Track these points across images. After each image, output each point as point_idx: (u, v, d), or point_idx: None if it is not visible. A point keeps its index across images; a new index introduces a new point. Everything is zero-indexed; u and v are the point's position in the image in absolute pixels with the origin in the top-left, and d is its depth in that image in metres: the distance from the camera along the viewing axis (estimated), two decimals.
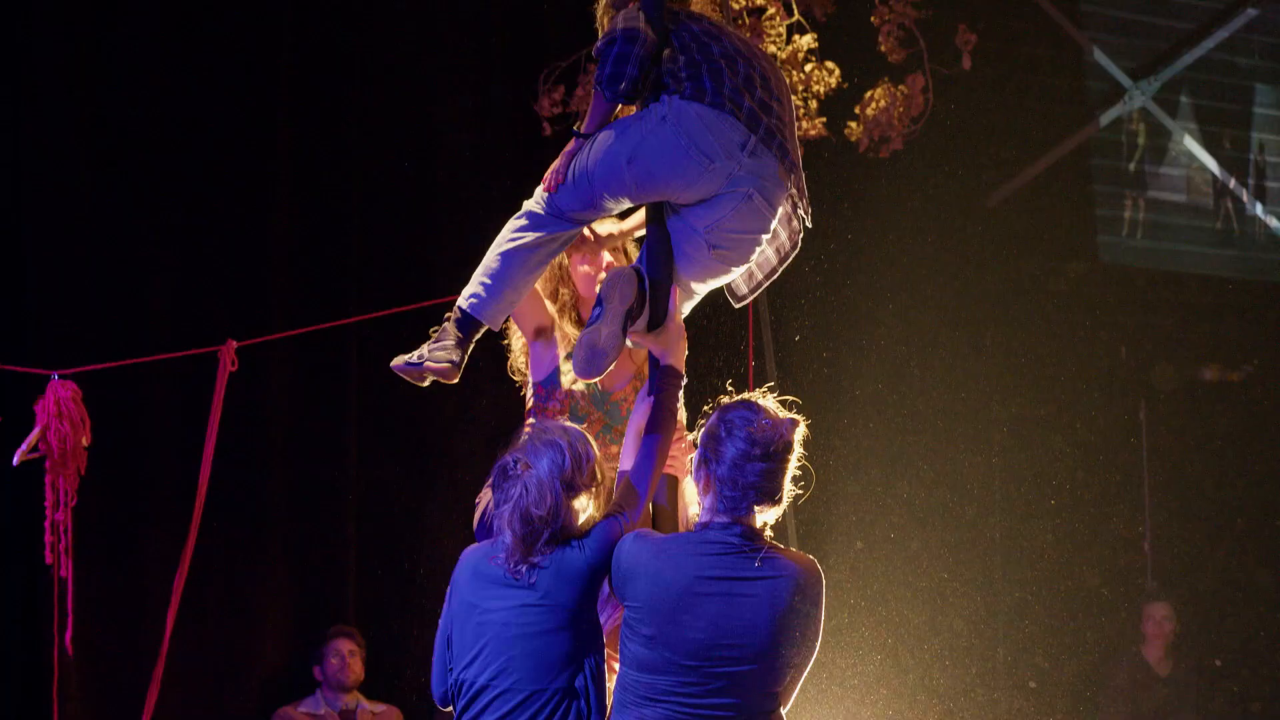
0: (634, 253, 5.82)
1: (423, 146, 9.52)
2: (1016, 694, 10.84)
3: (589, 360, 5.13)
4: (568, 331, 5.75)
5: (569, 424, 4.87)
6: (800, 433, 4.73)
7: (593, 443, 4.81)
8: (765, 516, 4.72)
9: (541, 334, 5.72)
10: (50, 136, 8.42)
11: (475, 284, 5.42)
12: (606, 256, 5.79)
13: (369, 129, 9.38)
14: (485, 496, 5.19)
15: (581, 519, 4.78)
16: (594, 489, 4.77)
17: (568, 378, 5.67)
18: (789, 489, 4.75)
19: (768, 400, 4.77)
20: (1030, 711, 10.72)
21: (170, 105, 8.75)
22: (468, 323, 5.40)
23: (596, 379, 5.31)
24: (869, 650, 9.97)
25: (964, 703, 10.66)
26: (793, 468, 4.74)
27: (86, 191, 8.51)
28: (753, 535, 4.67)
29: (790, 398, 4.83)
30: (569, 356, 5.63)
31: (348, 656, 8.96)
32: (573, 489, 4.71)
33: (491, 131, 9.57)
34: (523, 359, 5.86)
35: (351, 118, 9.35)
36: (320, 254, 9.30)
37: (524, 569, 4.66)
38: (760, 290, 5.53)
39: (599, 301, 5.15)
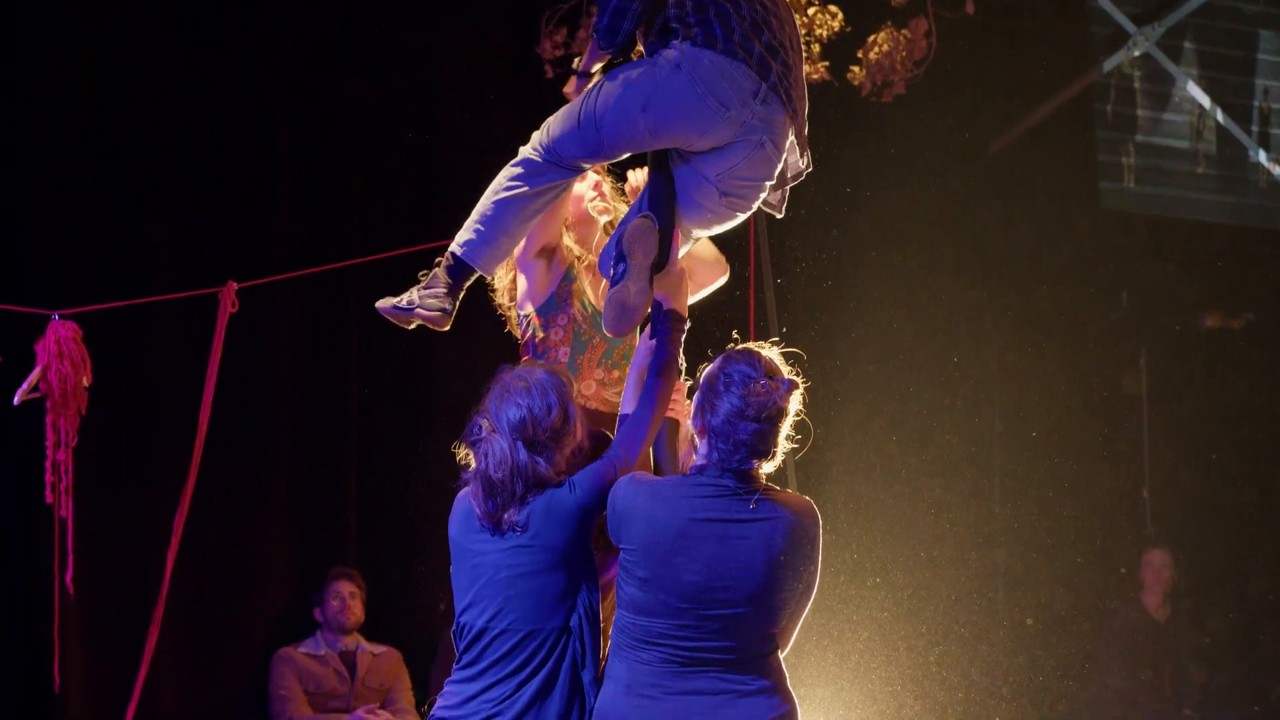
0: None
1: (425, 88, 9.50)
2: (1015, 635, 10.87)
3: (619, 318, 5.12)
4: (566, 252, 5.70)
5: (537, 369, 4.85)
6: (797, 397, 4.72)
7: (563, 385, 4.81)
8: (761, 468, 4.73)
9: (544, 253, 5.66)
10: (50, 75, 8.38)
11: (469, 230, 5.38)
12: (592, 177, 5.74)
13: (370, 68, 9.35)
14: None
15: (568, 457, 4.80)
16: (565, 436, 4.77)
17: (572, 299, 5.64)
18: (784, 445, 4.75)
19: (771, 353, 4.76)
20: (1028, 658, 10.75)
21: (175, 50, 8.72)
22: (460, 269, 5.37)
23: (625, 336, 5.30)
24: (868, 593, 9.99)
25: (962, 645, 10.69)
26: (787, 429, 4.74)
27: (87, 131, 8.47)
28: (748, 479, 4.68)
29: (794, 350, 4.82)
30: (567, 278, 5.63)
31: (348, 598, 8.99)
32: (536, 445, 4.72)
33: (493, 76, 9.53)
34: (507, 296, 5.80)
35: (353, 54, 9.32)
36: (322, 196, 9.28)
37: (505, 524, 4.70)
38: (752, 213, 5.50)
39: (621, 257, 5.12)
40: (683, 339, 5.10)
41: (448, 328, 5.42)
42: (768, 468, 4.74)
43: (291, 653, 8.93)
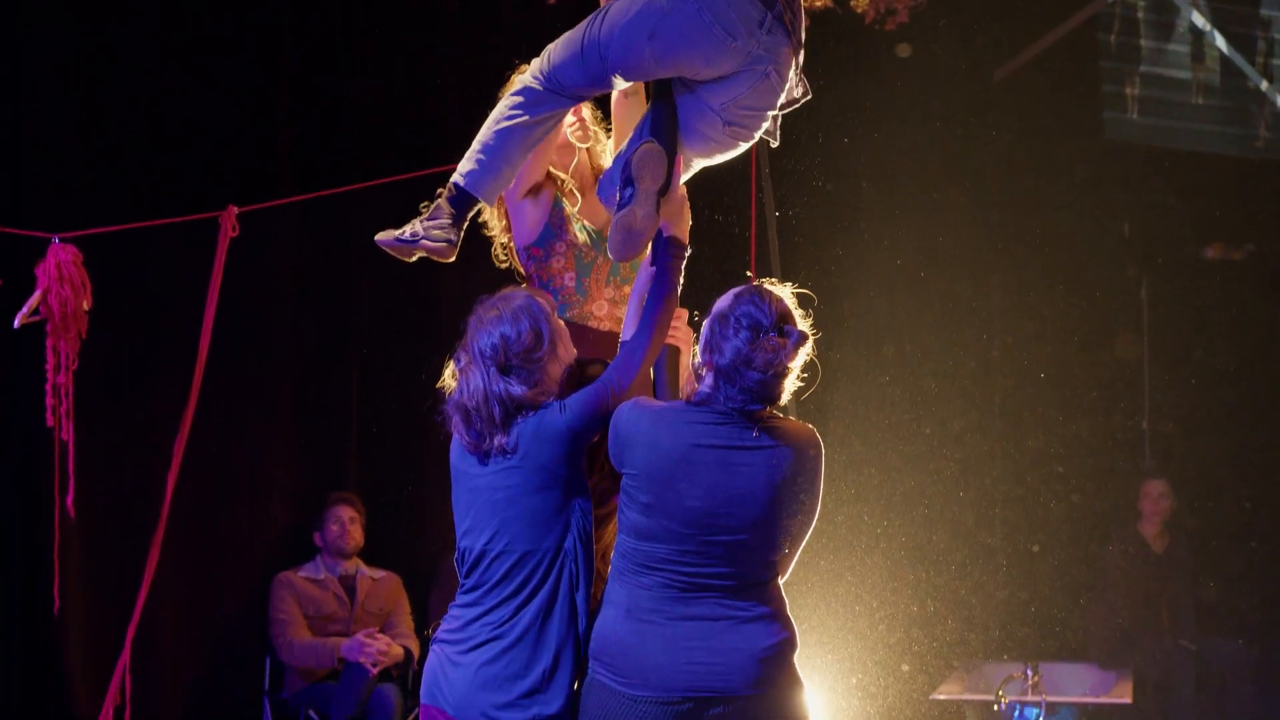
0: None
1: (427, 9, 9.47)
2: (1015, 566, 10.90)
3: (625, 243, 5.11)
4: (549, 182, 5.69)
5: (515, 295, 4.86)
6: (806, 350, 4.71)
7: (539, 308, 4.81)
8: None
9: (533, 190, 5.65)
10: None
11: (470, 160, 5.37)
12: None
13: None
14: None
15: (557, 378, 4.81)
16: (540, 357, 4.78)
17: (566, 224, 5.63)
18: (790, 389, 4.75)
19: (784, 294, 4.74)
20: (1029, 588, 10.79)
21: None
22: (463, 199, 5.36)
23: (631, 260, 5.29)
24: (867, 522, 10.02)
25: (961, 575, 10.73)
26: (794, 378, 4.74)
27: (88, 50, 8.44)
28: (751, 415, 4.68)
29: (805, 292, 4.81)
30: (556, 205, 5.62)
31: (348, 523, 9.01)
32: (509, 369, 4.74)
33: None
34: (505, 235, 5.79)
35: None
36: (323, 121, 9.25)
37: (493, 451, 4.72)
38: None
39: (628, 181, 5.11)
40: (683, 266, 5.09)
41: (453, 258, 5.42)
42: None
43: (291, 577, 8.97)
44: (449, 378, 4.87)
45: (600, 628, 4.69)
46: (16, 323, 6.94)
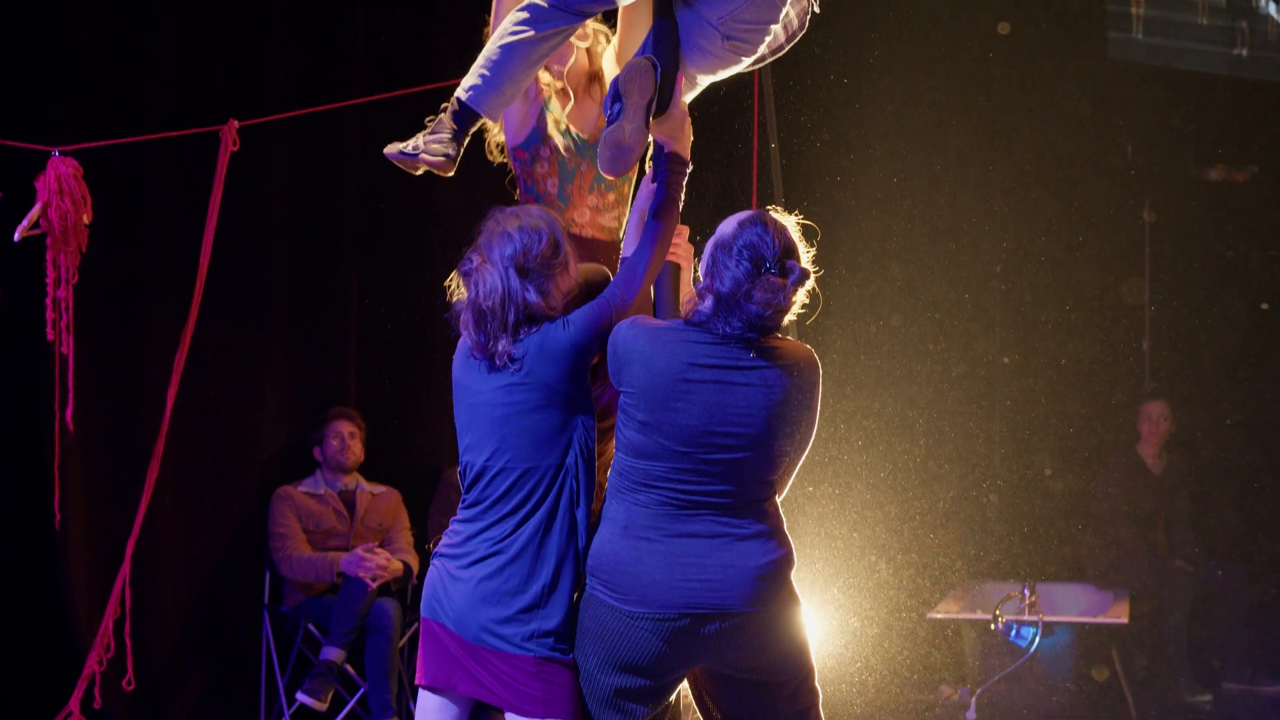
0: None
1: None
2: (1013, 486, 10.93)
3: (615, 159, 5.10)
4: (543, 83, 5.68)
5: (531, 206, 4.87)
6: (807, 288, 4.70)
7: (555, 221, 4.82)
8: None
9: (524, 94, 5.63)
10: None
11: (474, 75, 5.36)
12: None
13: None
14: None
15: (564, 294, 4.81)
16: (555, 266, 4.78)
17: (551, 129, 5.62)
18: (790, 318, 4.75)
19: (789, 224, 4.73)
20: (1025, 508, 10.81)
21: None
22: (465, 114, 5.35)
23: (622, 175, 5.28)
24: (865, 442, 10.04)
25: (959, 495, 10.76)
26: (794, 311, 4.73)
27: None
28: (749, 341, 4.68)
29: (810, 223, 4.80)
30: (544, 109, 5.60)
31: (347, 438, 9.03)
32: (527, 273, 4.74)
33: None
34: (499, 133, 5.79)
35: None
36: (323, 34, 9.20)
37: (498, 356, 4.72)
38: (764, 64, 5.48)
39: (617, 97, 5.10)
40: (684, 182, 5.08)
41: (452, 173, 5.41)
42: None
43: (290, 491, 8.98)
44: (455, 282, 4.87)
45: (598, 545, 4.71)
46: (16, 236, 6.93)
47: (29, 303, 7.47)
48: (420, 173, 5.41)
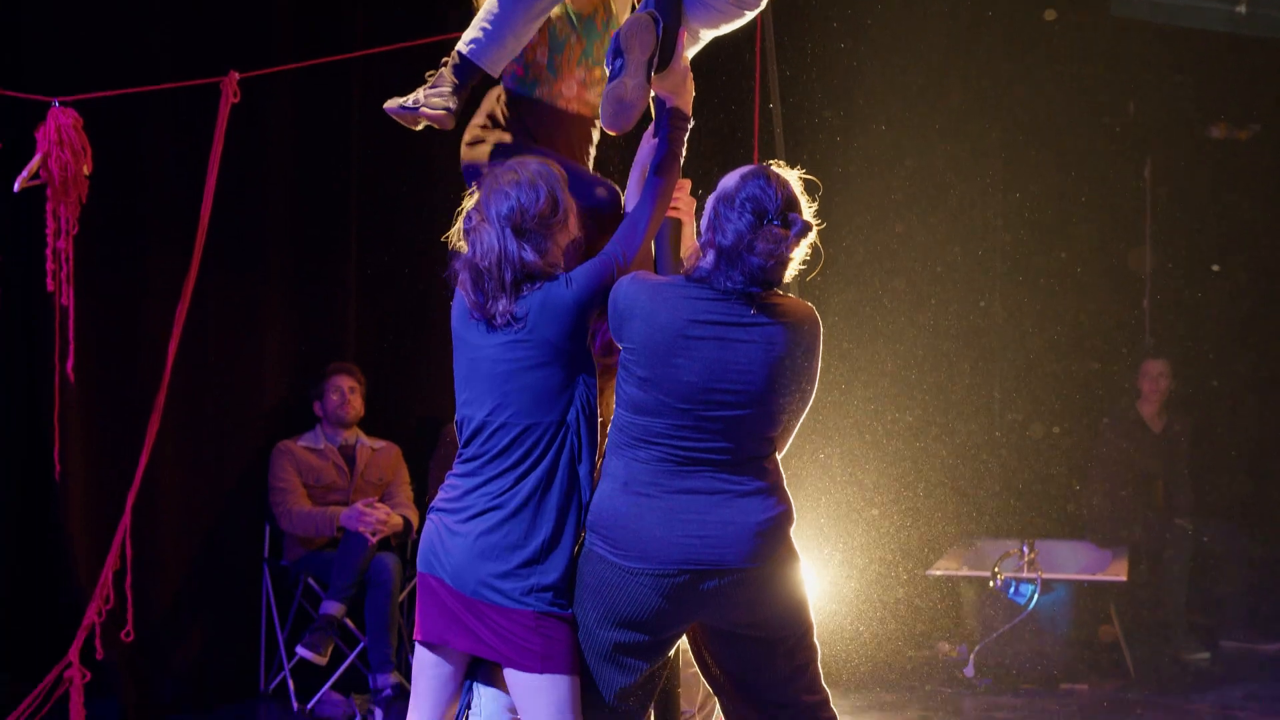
0: None
1: None
2: (1013, 444, 10.94)
3: (616, 114, 5.09)
4: None
5: (530, 161, 4.85)
6: (809, 240, 4.70)
7: (555, 175, 4.81)
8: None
9: None
10: None
11: (475, 29, 5.34)
12: None
13: None
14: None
15: (565, 250, 4.80)
16: (554, 224, 4.77)
17: None
18: (792, 273, 4.75)
19: (791, 178, 4.72)
20: (1025, 466, 10.82)
21: None
22: (466, 68, 5.33)
23: (623, 131, 5.25)
24: (866, 399, 10.04)
25: (959, 453, 10.77)
26: (796, 264, 4.72)
27: None
28: (750, 295, 4.67)
29: (811, 178, 4.79)
30: None
31: (348, 393, 9.03)
32: (524, 233, 4.74)
33: None
34: None
35: None
36: None
37: (499, 316, 4.71)
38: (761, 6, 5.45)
39: (618, 52, 5.08)
40: (685, 138, 5.07)
41: (452, 126, 5.40)
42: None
43: (291, 445, 8.99)
44: (457, 236, 4.86)
45: (597, 500, 4.71)
46: (16, 186, 6.91)
47: (29, 254, 7.45)
48: (420, 127, 5.39)
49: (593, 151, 5.65)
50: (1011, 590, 9.52)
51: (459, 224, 4.90)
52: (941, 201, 10.75)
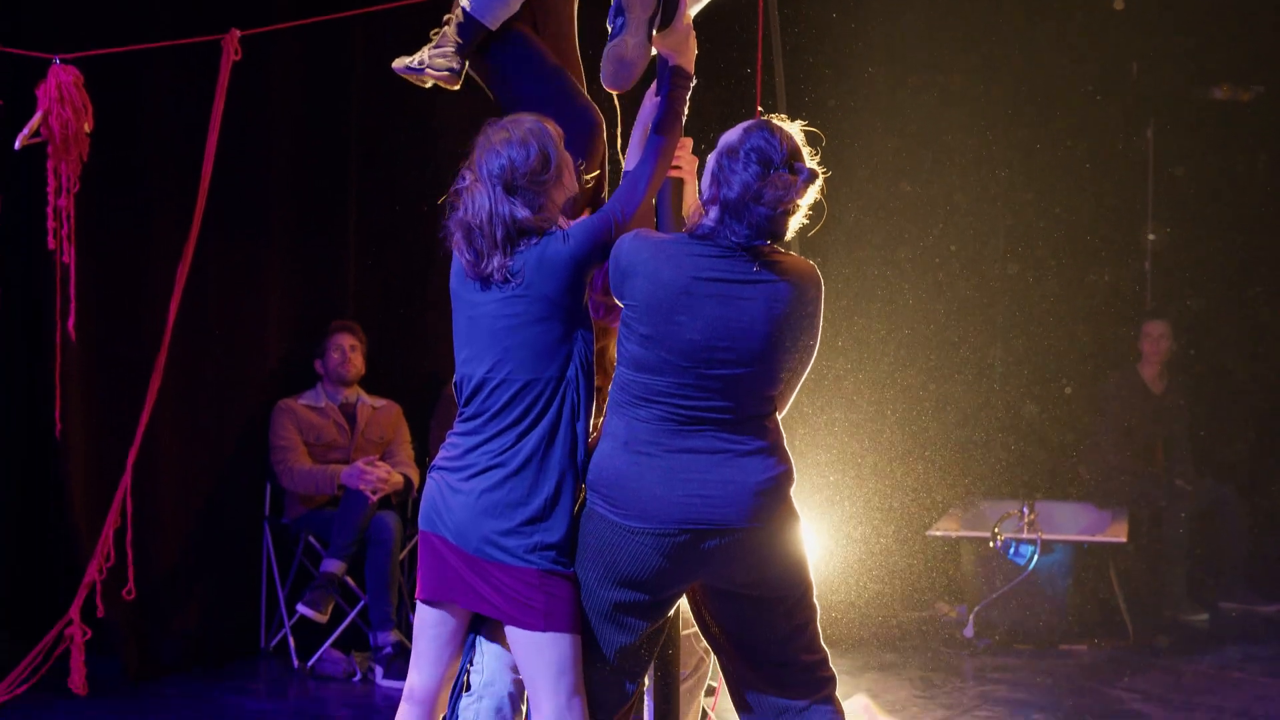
0: None
1: None
2: (1013, 405, 10.94)
3: (616, 73, 5.08)
4: None
5: (524, 118, 4.84)
6: (815, 188, 4.69)
7: (547, 132, 4.79)
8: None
9: None
10: None
11: None
12: None
13: None
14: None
15: (557, 205, 4.80)
16: (547, 181, 4.76)
17: None
18: (794, 226, 4.74)
19: (794, 130, 4.71)
20: (1025, 427, 10.82)
21: None
22: (469, 26, 5.31)
23: (624, 90, 5.24)
24: (866, 360, 10.04)
25: (959, 414, 10.76)
26: (800, 216, 4.72)
27: None
28: (754, 250, 4.66)
29: (814, 130, 4.78)
30: None
31: (348, 351, 9.02)
32: (515, 190, 4.73)
33: None
34: None
35: None
36: None
37: (495, 273, 4.71)
38: None
39: (619, 10, 5.06)
40: (687, 97, 5.06)
41: (458, 86, 5.39)
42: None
43: (292, 404, 8.99)
44: (452, 197, 4.86)
45: (598, 459, 4.71)
46: (17, 144, 6.89)
47: (30, 212, 7.44)
48: (429, 85, 5.38)
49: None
50: (1011, 551, 9.54)
51: (453, 186, 4.90)
52: (944, 166, 10.73)
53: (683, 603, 4.95)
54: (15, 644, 7.92)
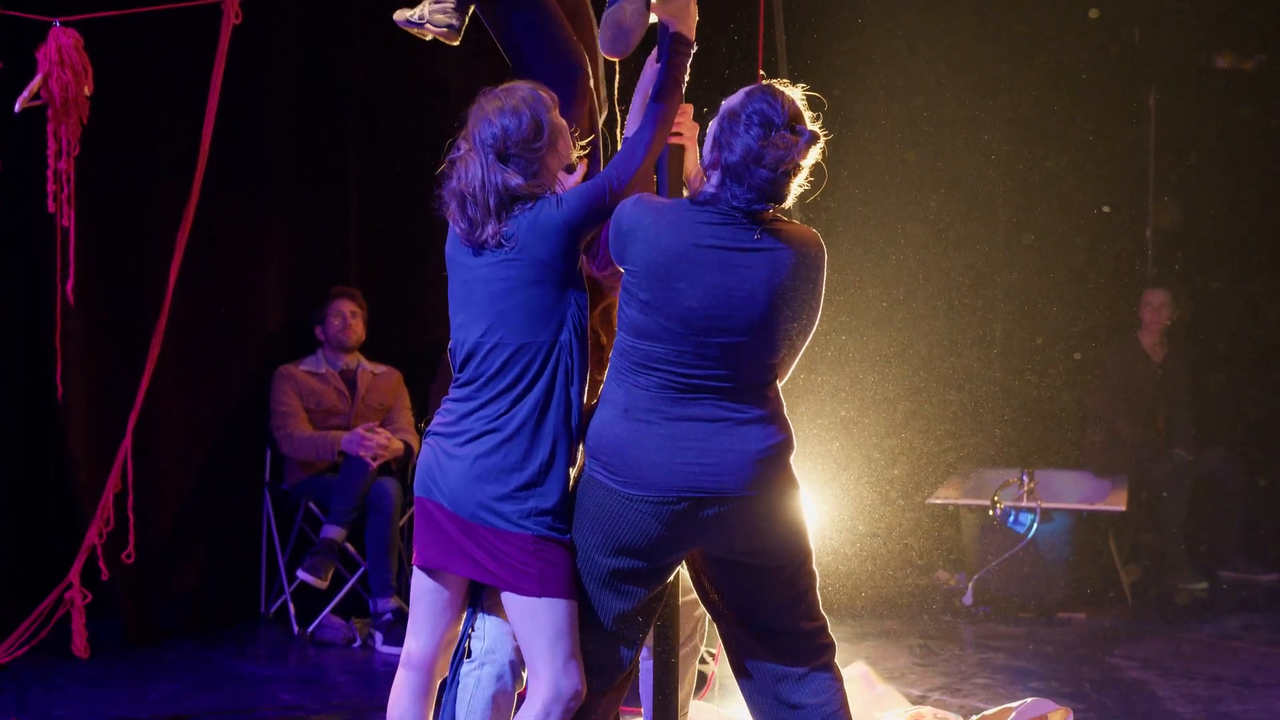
0: None
1: None
2: (1013, 373, 10.93)
3: (615, 39, 5.07)
4: None
5: (519, 86, 4.83)
6: (816, 150, 4.68)
7: (541, 99, 4.78)
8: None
9: None
10: None
11: None
12: None
13: None
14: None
15: (552, 173, 4.80)
16: (539, 148, 4.75)
17: None
18: (795, 191, 4.73)
19: (795, 95, 4.70)
20: (1025, 395, 10.82)
21: None
22: None
23: (622, 57, 5.23)
24: (866, 328, 10.04)
25: (959, 382, 10.76)
26: (802, 179, 4.71)
27: None
28: (756, 216, 4.65)
29: (815, 95, 4.77)
30: None
31: (349, 317, 9.02)
32: (507, 158, 4.73)
33: None
34: None
35: None
36: None
37: (489, 239, 4.71)
38: None
39: None
40: (688, 64, 5.05)
41: (458, 43, 5.38)
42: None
43: (292, 370, 8.99)
44: (447, 165, 4.85)
45: (597, 426, 4.71)
46: (17, 107, 6.88)
47: (30, 175, 7.43)
48: (429, 39, 5.38)
49: None
50: (1011, 519, 9.54)
51: (449, 152, 4.89)
52: (945, 132, 10.70)
53: (681, 570, 4.95)
54: (16, 607, 7.93)
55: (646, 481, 4.63)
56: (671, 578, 4.89)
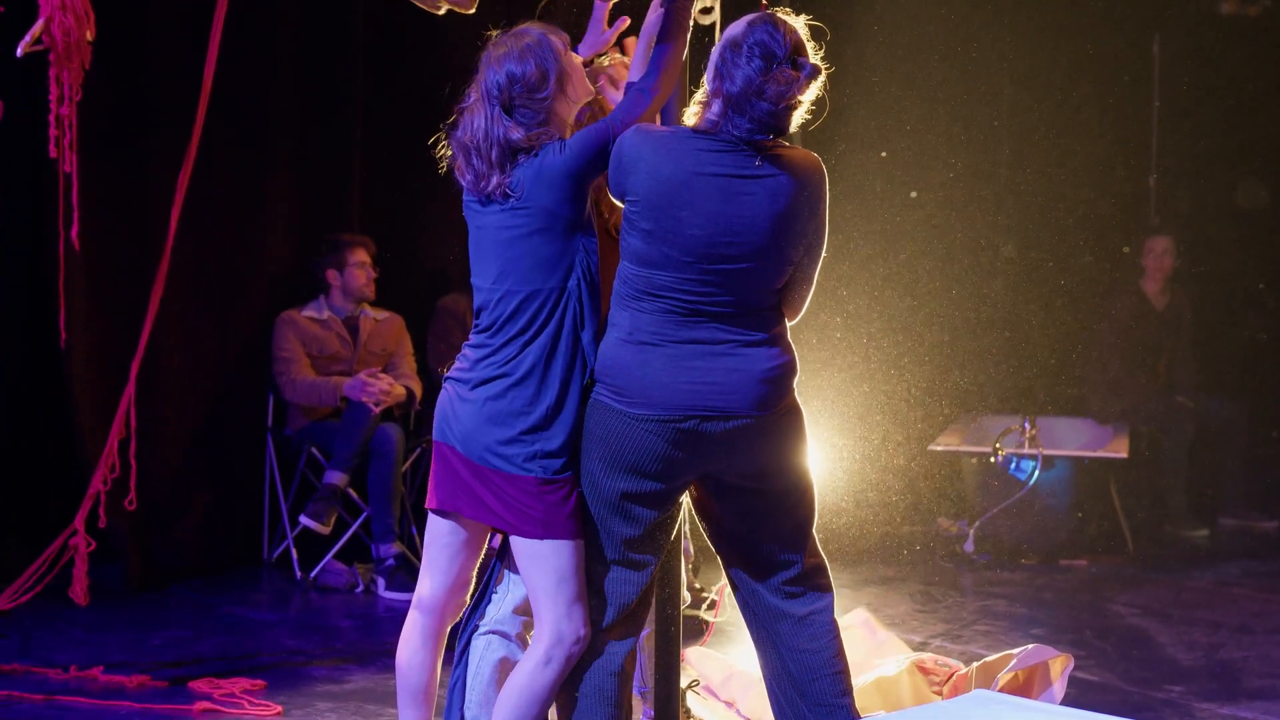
0: None
1: None
2: (1015, 319, 10.93)
3: None
4: None
5: (531, 30, 4.82)
6: (818, 84, 4.67)
7: (549, 45, 4.77)
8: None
9: None
10: None
11: None
12: None
13: None
14: None
15: (563, 119, 4.80)
16: (544, 95, 4.74)
17: None
18: (797, 120, 4.73)
19: (798, 25, 4.69)
20: (1027, 342, 10.82)
21: None
22: None
23: None
24: (869, 273, 10.03)
25: (962, 329, 10.76)
26: (803, 111, 4.70)
27: None
28: (757, 144, 4.65)
29: (818, 24, 4.75)
30: None
31: (370, 268, 9.00)
32: (512, 108, 4.73)
33: None
34: None
35: None
36: None
37: (495, 191, 4.71)
38: None
39: None
40: (692, 6, 5.04)
41: (473, 10, 5.37)
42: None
43: (294, 315, 8.98)
44: (456, 114, 4.85)
45: (603, 350, 4.74)
46: (19, 51, 6.84)
47: (33, 120, 7.41)
48: (442, 12, 5.37)
49: None
50: (1012, 466, 9.56)
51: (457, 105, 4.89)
52: (948, 74, 10.67)
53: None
54: (20, 553, 7.95)
55: (654, 401, 4.65)
56: (675, 509, 4.89)
